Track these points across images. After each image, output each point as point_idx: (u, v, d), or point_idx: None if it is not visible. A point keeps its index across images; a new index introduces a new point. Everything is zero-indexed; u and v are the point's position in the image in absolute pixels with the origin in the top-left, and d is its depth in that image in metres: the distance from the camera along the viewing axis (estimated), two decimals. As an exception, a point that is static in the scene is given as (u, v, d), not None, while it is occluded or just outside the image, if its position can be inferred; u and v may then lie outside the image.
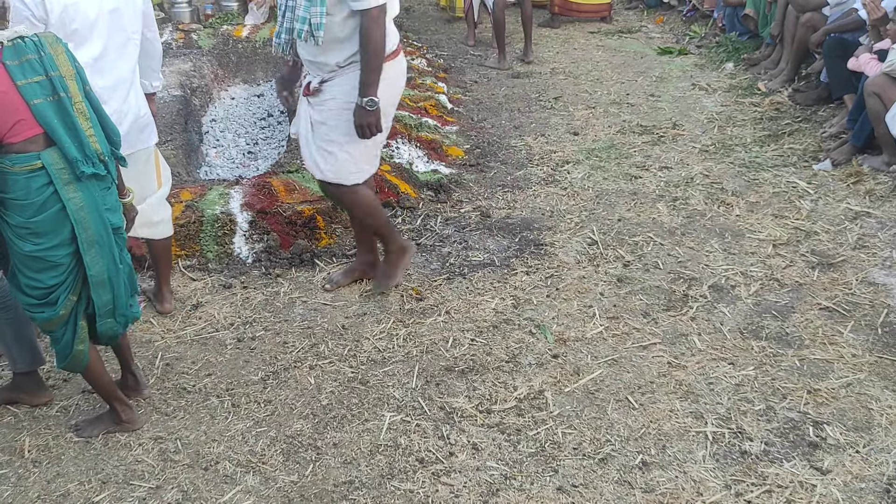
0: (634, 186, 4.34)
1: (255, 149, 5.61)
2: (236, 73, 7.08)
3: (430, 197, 4.28)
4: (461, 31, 7.72)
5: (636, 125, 5.22)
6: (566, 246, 3.74)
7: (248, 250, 3.67)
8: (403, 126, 4.83)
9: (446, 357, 2.94)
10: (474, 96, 5.97)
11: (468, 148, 4.90)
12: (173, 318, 3.23)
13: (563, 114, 5.52)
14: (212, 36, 7.26)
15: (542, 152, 4.84)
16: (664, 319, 3.15)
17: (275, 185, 4.04)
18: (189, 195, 3.93)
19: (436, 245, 3.79)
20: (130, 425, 2.65)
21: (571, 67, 6.57)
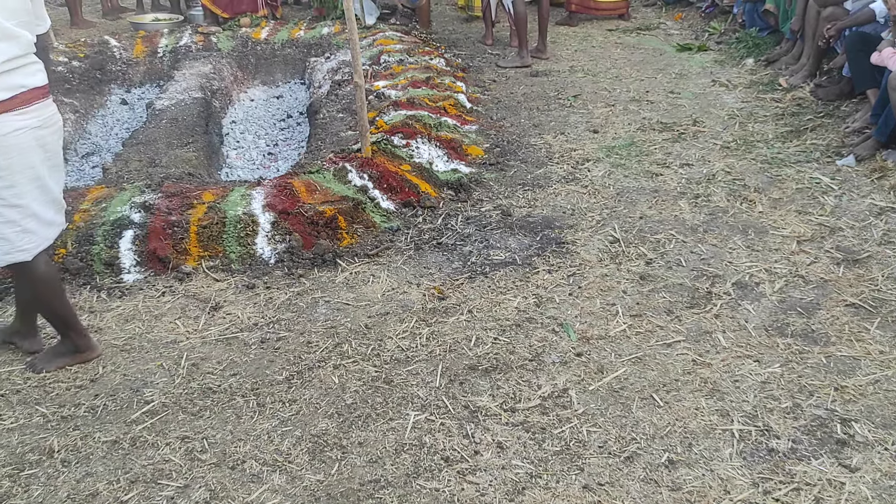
0: (655, 184, 4.32)
1: (275, 150, 5.64)
2: (255, 74, 7.14)
3: (450, 196, 4.28)
4: (479, 31, 7.72)
5: (656, 122, 5.19)
6: (588, 244, 3.73)
7: (271, 251, 3.69)
8: (423, 125, 4.84)
9: (469, 356, 2.94)
10: (493, 95, 5.97)
11: (488, 147, 4.90)
12: (197, 319, 3.25)
13: (582, 112, 5.50)
14: (231, 38, 7.31)
15: (561, 150, 4.83)
16: (688, 317, 3.13)
17: (296, 185, 4.06)
18: (211, 196, 3.95)
19: (457, 244, 3.79)
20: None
21: (590, 65, 6.55)
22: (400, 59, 6.25)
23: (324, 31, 7.37)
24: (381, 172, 4.24)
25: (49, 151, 2.72)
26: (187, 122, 5.27)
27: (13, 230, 2.65)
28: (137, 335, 3.15)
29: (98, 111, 6.40)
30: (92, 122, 6.17)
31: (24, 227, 2.66)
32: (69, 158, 5.47)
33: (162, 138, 4.98)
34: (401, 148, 4.56)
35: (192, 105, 5.62)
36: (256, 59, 7.17)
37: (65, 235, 3.59)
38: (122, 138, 5.66)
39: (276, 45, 7.26)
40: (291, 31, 7.46)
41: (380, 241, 3.83)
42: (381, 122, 4.93)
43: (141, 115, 6.15)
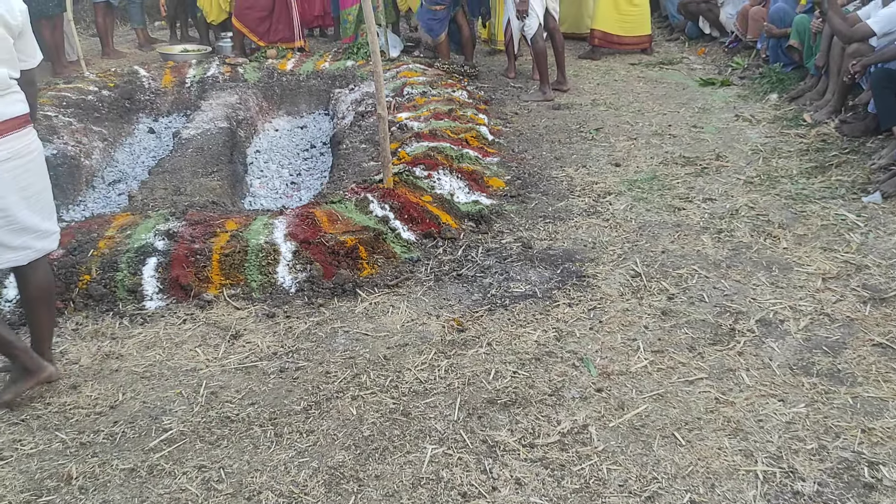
0: (678, 218, 4.30)
1: (298, 179, 5.69)
2: (280, 105, 7.23)
3: (471, 227, 4.28)
4: (501, 64, 7.78)
5: (679, 156, 5.18)
6: (609, 278, 3.70)
7: (292, 280, 3.71)
8: (445, 157, 4.87)
9: (488, 389, 2.92)
10: (515, 128, 5.99)
11: (509, 179, 4.91)
12: (217, 347, 3.26)
13: (604, 145, 5.51)
14: (257, 69, 7.43)
15: (583, 183, 4.83)
16: (711, 354, 3.09)
17: (318, 215, 4.08)
18: (234, 225, 3.99)
19: (477, 276, 3.78)
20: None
21: (612, 99, 6.57)
22: (423, 91, 6.30)
23: (348, 63, 7.46)
24: (402, 203, 4.25)
25: (21, 183, 2.73)
26: (212, 152, 5.34)
27: None
28: (158, 362, 3.16)
29: (126, 139, 6.51)
30: (119, 150, 6.27)
31: None
32: (96, 185, 5.56)
33: (187, 167, 5.04)
34: (422, 179, 4.58)
35: (217, 134, 5.69)
36: (282, 90, 7.27)
37: (89, 262, 3.64)
38: (148, 166, 5.75)
39: (302, 76, 7.37)
40: (317, 63, 7.57)
41: (400, 271, 3.83)
42: (404, 153, 4.96)
43: (167, 143, 6.24)
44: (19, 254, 2.82)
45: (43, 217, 2.86)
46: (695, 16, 8.42)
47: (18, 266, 2.88)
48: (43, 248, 2.90)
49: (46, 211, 2.89)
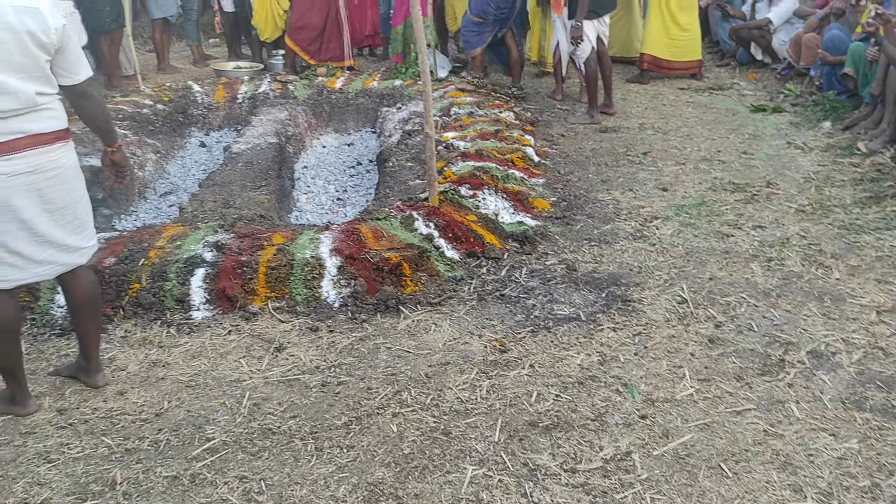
0: (726, 245, 4.23)
1: (344, 195, 5.75)
2: (329, 122, 7.32)
3: (515, 248, 4.27)
4: (549, 86, 7.78)
5: (728, 182, 5.11)
6: (655, 303, 3.65)
7: (336, 295, 3.73)
8: (490, 177, 4.87)
9: (530, 412, 2.89)
10: (561, 149, 5.98)
11: (554, 200, 4.89)
12: (261, 359, 3.29)
13: (651, 169, 5.46)
14: (307, 87, 7.54)
15: (629, 207, 4.79)
16: (759, 384, 3.02)
17: (363, 231, 4.11)
18: (281, 239, 4.03)
19: (520, 297, 3.76)
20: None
21: (660, 123, 6.52)
22: (470, 112, 6.33)
23: (396, 83, 7.54)
24: (447, 222, 4.26)
25: (46, 197, 2.72)
26: (262, 166, 5.42)
27: None
28: (203, 372, 3.20)
29: (178, 152, 6.65)
30: (171, 163, 6.41)
31: (3, 261, 2.73)
32: (148, 196, 5.68)
33: (237, 180, 5.12)
34: (467, 198, 4.59)
35: (267, 150, 5.78)
36: (330, 108, 7.37)
37: (140, 271, 3.71)
38: (198, 179, 5.86)
39: (350, 94, 7.46)
40: (365, 82, 7.66)
41: (443, 289, 3.83)
42: (450, 172, 4.98)
43: (218, 157, 6.36)
44: (45, 268, 2.82)
45: (69, 232, 2.84)
46: (746, 42, 8.33)
47: (61, 276, 2.93)
48: (69, 263, 2.89)
49: (74, 226, 2.85)
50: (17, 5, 2.57)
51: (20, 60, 2.59)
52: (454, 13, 8.30)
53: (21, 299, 3.56)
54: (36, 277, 2.86)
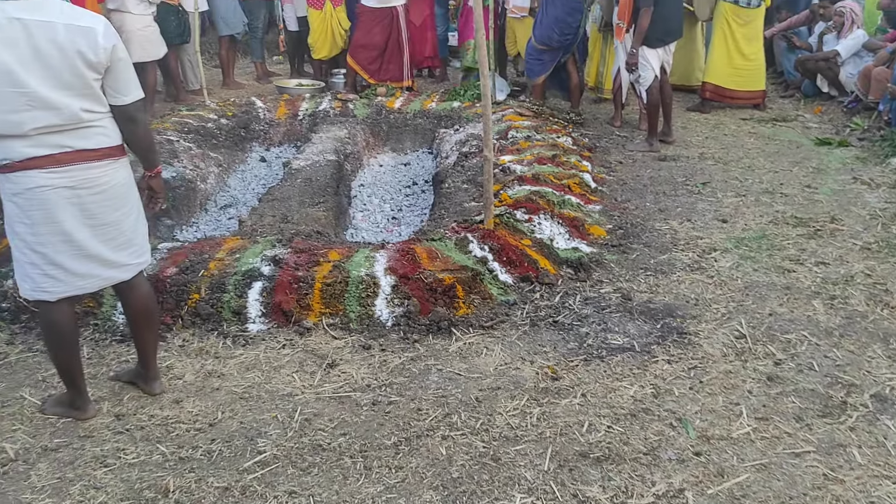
0: (787, 280, 4.12)
1: (399, 215, 5.79)
2: (386, 141, 7.41)
3: (569, 275, 4.23)
4: (607, 112, 7.74)
5: (790, 216, 4.99)
6: (712, 337, 3.58)
7: (389, 314, 3.75)
8: (546, 202, 4.85)
9: (581, 442, 2.85)
10: (618, 177, 5.93)
11: (610, 228, 4.84)
12: (313, 374, 3.32)
13: (710, 200, 5.37)
14: (367, 106, 7.65)
15: (687, 237, 4.71)
16: (819, 426, 2.93)
17: (418, 251, 4.13)
18: (337, 255, 4.08)
19: (574, 324, 3.72)
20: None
21: (721, 153, 6.42)
22: (527, 136, 6.33)
23: (454, 105, 7.59)
24: (501, 245, 4.26)
25: (88, 212, 2.77)
26: (320, 183, 5.50)
27: (36, 271, 2.79)
28: (256, 384, 3.24)
29: (239, 166, 6.80)
30: (232, 176, 6.55)
31: (45, 272, 2.78)
32: (209, 209, 5.81)
33: (295, 196, 5.21)
34: (523, 222, 4.58)
35: (325, 167, 5.87)
36: (388, 127, 7.45)
37: (199, 281, 3.79)
38: (258, 193, 5.97)
39: (409, 114, 7.53)
40: (424, 103, 7.73)
41: (495, 313, 3.82)
42: (506, 195, 4.98)
43: (277, 172, 6.48)
44: (86, 281, 2.86)
45: (112, 248, 2.87)
46: (812, 73, 8.18)
47: (118, 286, 3.00)
48: (112, 278, 2.93)
49: (118, 242, 2.88)
50: (69, 24, 2.64)
51: (67, 78, 2.65)
52: (514, 37, 8.34)
53: (85, 305, 3.68)
54: (78, 290, 2.88)
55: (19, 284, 2.87)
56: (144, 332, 3.13)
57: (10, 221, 2.77)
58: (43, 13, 2.62)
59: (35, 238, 2.74)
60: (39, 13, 2.61)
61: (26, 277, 2.81)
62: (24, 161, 2.66)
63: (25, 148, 2.65)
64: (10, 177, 2.69)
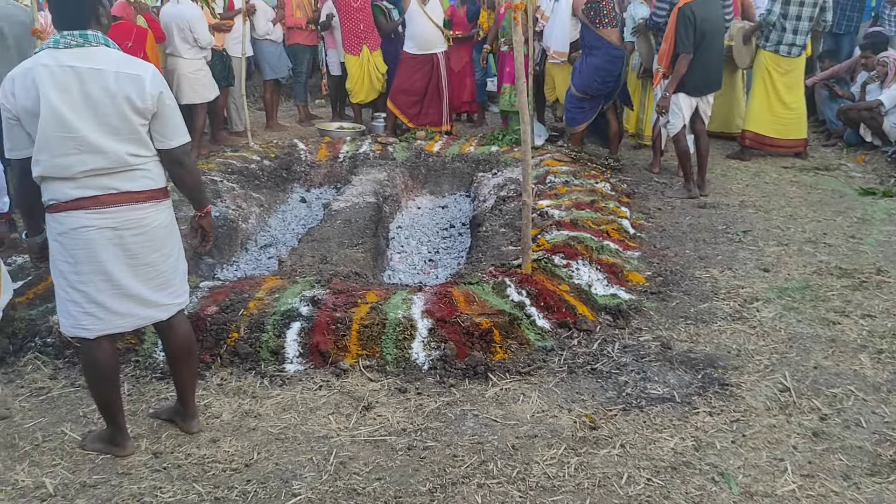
0: (832, 333, 4.03)
1: (436, 257, 5.81)
2: (425, 184, 7.48)
3: (607, 321, 4.19)
4: (647, 158, 7.73)
5: (834, 267, 4.90)
6: (754, 389, 3.50)
7: (425, 357, 3.74)
8: (585, 247, 4.83)
9: (620, 494, 2.79)
10: (657, 223, 5.89)
11: (649, 275, 4.80)
12: (349, 416, 3.32)
13: (752, 248, 5.30)
14: (406, 149, 7.74)
15: (728, 286, 4.65)
16: (868, 486, 2.83)
17: (455, 294, 4.13)
18: (375, 297, 4.10)
19: (612, 372, 3.67)
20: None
21: (762, 201, 6.35)
22: (566, 181, 6.34)
23: (493, 149, 7.64)
24: (539, 290, 4.24)
25: (129, 252, 2.81)
26: (359, 225, 5.56)
27: (77, 309, 2.83)
28: (292, 426, 3.24)
29: (280, 207, 6.91)
30: (273, 217, 6.65)
31: (86, 310, 2.83)
32: (249, 248, 5.89)
33: (335, 237, 5.27)
34: (561, 268, 4.56)
35: (364, 209, 5.93)
36: (427, 170, 7.53)
37: (239, 320, 3.83)
38: (298, 234, 6.06)
39: (447, 158, 7.60)
40: (462, 146, 7.81)
41: (533, 359, 3.79)
42: (543, 240, 4.98)
43: (317, 213, 6.57)
44: (125, 320, 2.90)
45: (151, 288, 2.90)
46: (855, 123, 8.09)
47: (158, 324, 3.04)
48: (150, 317, 2.97)
49: (157, 282, 2.92)
50: (120, 71, 2.73)
51: (115, 123, 2.73)
52: (553, 83, 8.40)
53: (126, 341, 3.74)
54: (116, 329, 2.93)
55: (60, 321, 2.93)
56: (183, 371, 3.16)
57: (55, 260, 2.84)
58: (94, 61, 2.72)
59: (77, 277, 2.80)
60: (91, 61, 2.71)
61: (67, 315, 2.87)
62: (70, 202, 2.74)
63: (72, 190, 2.73)
64: (56, 216, 2.77)
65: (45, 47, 2.73)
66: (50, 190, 2.75)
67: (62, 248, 2.79)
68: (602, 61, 7.11)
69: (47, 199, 2.77)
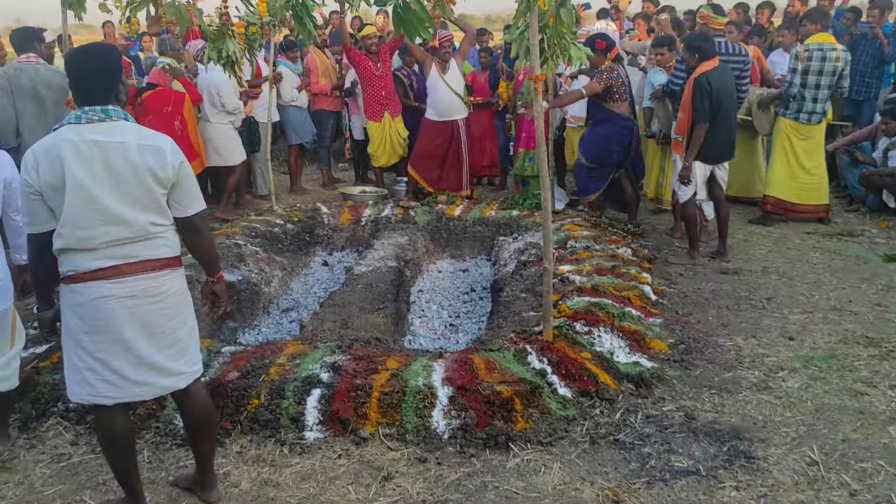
0: (860, 404, 3.96)
1: (457, 321, 5.80)
2: (446, 247, 7.51)
3: (630, 390, 4.14)
4: (667, 222, 7.73)
5: (861, 336, 4.83)
6: (781, 463, 3.43)
7: (446, 426, 3.71)
8: (606, 314, 4.81)
9: (644, 573, 2.72)
10: (679, 289, 5.86)
11: (672, 342, 4.75)
12: (368, 487, 3.28)
13: (776, 315, 5.25)
14: (427, 213, 7.81)
15: (752, 355, 4.59)
16: (903, 567, 2.74)
17: (476, 361, 4.12)
18: (395, 364, 4.09)
19: (635, 443, 3.62)
20: None
21: (785, 267, 6.31)
22: (586, 246, 6.35)
23: (513, 213, 7.69)
24: (560, 358, 4.21)
25: (145, 321, 2.84)
26: (380, 289, 5.58)
27: (95, 377, 2.84)
28: (311, 496, 3.21)
29: (302, 270, 6.96)
30: (295, 280, 6.70)
31: (105, 378, 2.84)
32: (271, 312, 5.93)
33: (356, 302, 5.29)
34: (582, 335, 4.53)
35: (386, 273, 5.97)
36: (448, 234, 7.58)
37: (260, 387, 3.83)
38: (319, 297, 6.09)
39: (468, 221, 7.65)
40: (483, 210, 7.87)
41: (554, 429, 3.74)
42: (564, 306, 4.96)
43: (339, 276, 6.61)
44: (142, 389, 2.91)
45: (169, 357, 2.92)
46: (877, 188, 8.06)
47: (175, 393, 3.04)
48: (167, 387, 2.98)
49: (174, 350, 2.94)
50: (141, 143, 2.82)
51: (137, 194, 2.80)
52: (573, 147, 8.48)
53: (147, 407, 3.75)
54: (134, 397, 2.93)
55: (74, 390, 2.90)
56: (202, 440, 3.16)
57: (71, 330, 2.85)
58: (116, 135, 2.80)
59: (95, 346, 2.82)
60: (113, 135, 2.80)
61: (84, 383, 2.86)
62: (90, 272, 2.78)
63: (92, 261, 2.78)
64: (75, 287, 2.80)
65: (66, 122, 2.82)
66: (69, 261, 2.80)
67: (79, 320, 2.82)
68: (610, 131, 7.19)
69: (66, 271, 2.81)
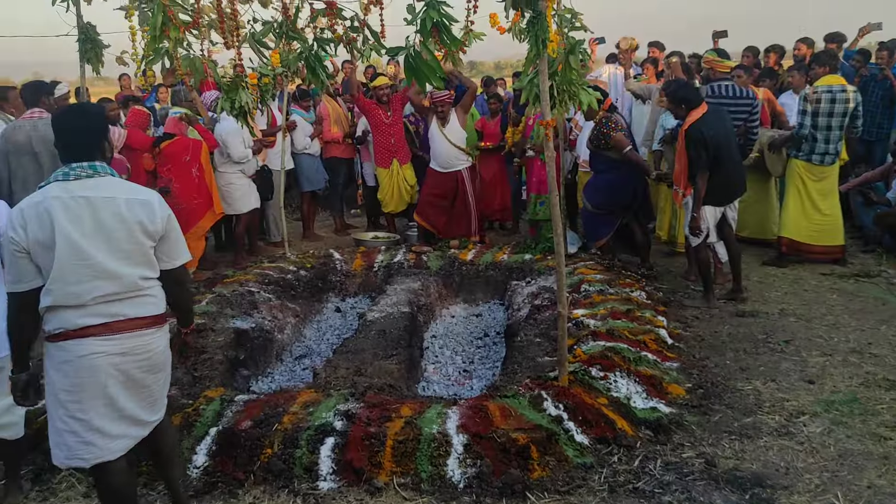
0: (885, 449, 3.86)
1: (471, 367, 5.75)
2: (458, 293, 7.49)
3: (648, 436, 4.07)
4: (681, 264, 7.69)
5: (882, 379, 4.74)
6: (806, 511, 3.34)
7: (461, 474, 3.65)
8: (622, 358, 4.76)
9: None
10: (695, 332, 5.80)
11: (690, 387, 4.68)
12: (383, 537, 3.22)
13: (794, 359, 5.17)
14: (440, 258, 7.81)
15: (772, 399, 4.51)
16: None
17: (491, 408, 4.07)
18: (409, 411, 4.04)
19: (655, 492, 3.54)
20: None
21: (802, 309, 6.24)
22: (600, 289, 6.31)
23: (526, 257, 7.68)
24: (576, 404, 4.15)
25: (129, 376, 2.86)
26: (393, 335, 5.55)
27: (74, 439, 2.81)
28: (324, 548, 3.15)
29: (315, 317, 6.95)
30: (308, 327, 6.69)
31: (83, 439, 2.81)
32: (284, 359, 5.91)
33: (369, 348, 5.26)
34: (598, 380, 4.48)
35: (399, 319, 5.94)
36: (461, 279, 7.56)
37: (273, 436, 3.79)
38: (332, 344, 6.06)
39: (481, 266, 7.64)
40: (496, 255, 7.86)
41: (571, 477, 3.67)
42: (580, 351, 4.91)
43: (352, 322, 6.59)
44: (118, 442, 2.89)
45: (143, 408, 2.94)
46: (893, 229, 8.01)
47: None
48: (138, 436, 2.97)
49: (148, 402, 2.96)
50: (130, 198, 2.86)
51: (126, 247, 2.83)
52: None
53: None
54: (111, 455, 2.89)
55: (53, 452, 2.88)
56: (175, 469, 3.27)
57: (53, 389, 2.83)
58: (105, 190, 2.85)
59: (78, 405, 2.80)
60: (102, 190, 2.84)
61: (63, 446, 2.84)
62: (79, 330, 2.78)
63: (80, 318, 2.78)
64: (63, 345, 2.79)
65: (54, 180, 2.84)
66: (57, 319, 2.79)
67: (63, 377, 2.80)
68: (615, 177, 7.20)
69: (54, 328, 2.80)
